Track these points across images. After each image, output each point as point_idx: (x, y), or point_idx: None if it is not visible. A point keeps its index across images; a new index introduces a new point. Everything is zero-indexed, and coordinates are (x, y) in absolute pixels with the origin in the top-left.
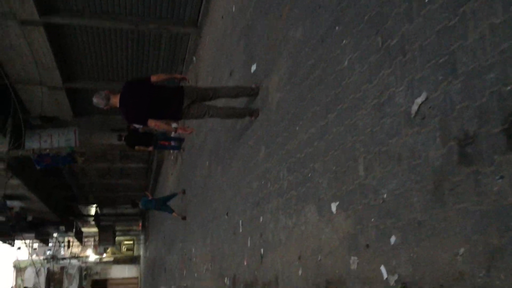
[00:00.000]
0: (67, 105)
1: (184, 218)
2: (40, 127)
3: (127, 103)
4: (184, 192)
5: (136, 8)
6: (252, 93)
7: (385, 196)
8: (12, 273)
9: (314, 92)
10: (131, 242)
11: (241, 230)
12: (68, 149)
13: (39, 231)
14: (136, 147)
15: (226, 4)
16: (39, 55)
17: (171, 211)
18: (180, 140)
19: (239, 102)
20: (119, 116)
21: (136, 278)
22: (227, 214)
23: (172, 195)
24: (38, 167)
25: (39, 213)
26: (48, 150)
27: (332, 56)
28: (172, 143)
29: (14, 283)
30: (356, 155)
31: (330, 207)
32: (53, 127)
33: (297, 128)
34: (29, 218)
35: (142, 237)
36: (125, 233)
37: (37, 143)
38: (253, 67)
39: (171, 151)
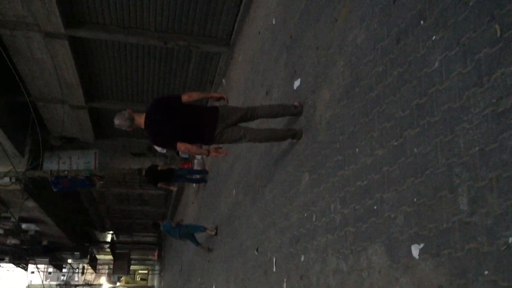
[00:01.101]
0: (89, 126)
1: (209, 250)
2: (59, 148)
3: (154, 123)
4: (216, 233)
5: (166, 23)
6: (295, 111)
7: (510, 241)
8: None
9: (383, 106)
10: (146, 271)
11: (274, 269)
12: (87, 172)
13: (54, 256)
14: (159, 185)
15: (265, 17)
16: (62, 70)
17: (198, 243)
18: (204, 172)
19: (277, 123)
20: (141, 139)
21: None
22: (257, 249)
23: (200, 227)
24: (55, 189)
25: (55, 237)
26: (66, 172)
27: (413, 58)
28: (197, 176)
29: None
30: (455, 183)
31: (409, 250)
32: (73, 149)
33: (356, 150)
34: (44, 242)
35: (157, 267)
36: (140, 262)
37: (55, 164)
38: (296, 83)
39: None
